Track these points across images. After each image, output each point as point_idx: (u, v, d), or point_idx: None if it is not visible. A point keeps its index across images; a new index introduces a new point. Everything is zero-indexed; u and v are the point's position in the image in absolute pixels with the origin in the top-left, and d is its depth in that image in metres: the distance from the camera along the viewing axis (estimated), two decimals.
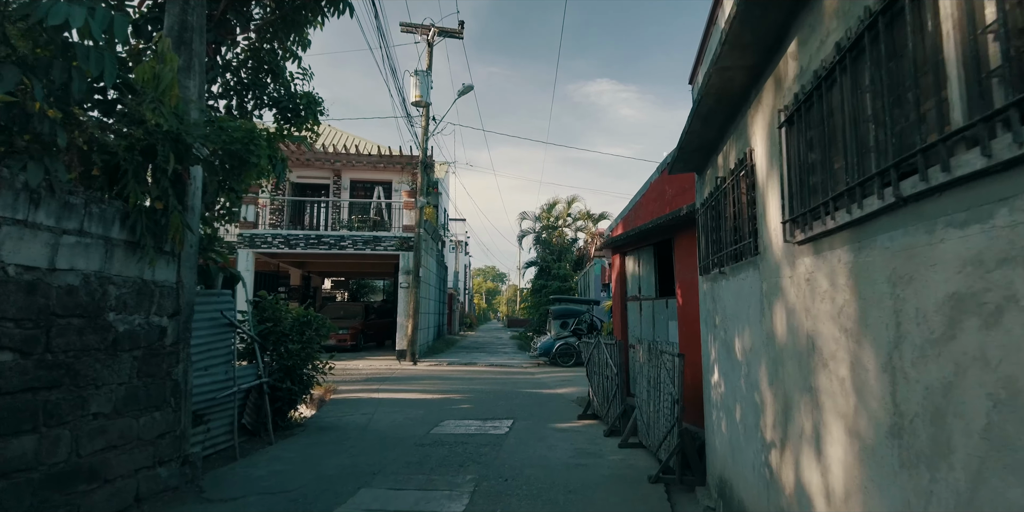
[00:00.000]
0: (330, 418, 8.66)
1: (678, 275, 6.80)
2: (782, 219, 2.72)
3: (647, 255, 8.04)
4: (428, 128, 16.70)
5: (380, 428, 7.85)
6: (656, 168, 7.33)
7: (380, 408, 9.36)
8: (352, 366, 14.72)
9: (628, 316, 8.83)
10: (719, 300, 4.41)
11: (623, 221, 8.63)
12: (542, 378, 13.82)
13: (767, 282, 3.08)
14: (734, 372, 3.92)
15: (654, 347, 6.01)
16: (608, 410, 7.67)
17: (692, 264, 6.28)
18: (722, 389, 4.34)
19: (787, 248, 2.71)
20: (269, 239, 16.25)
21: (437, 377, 13.49)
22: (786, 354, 2.76)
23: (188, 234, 5.12)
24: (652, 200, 7.51)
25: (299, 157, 18.78)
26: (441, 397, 10.52)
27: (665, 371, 5.62)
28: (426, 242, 17.64)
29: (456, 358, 17.50)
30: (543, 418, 8.56)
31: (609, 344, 7.60)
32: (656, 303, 7.78)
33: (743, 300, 3.62)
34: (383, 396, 10.54)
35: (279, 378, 7.53)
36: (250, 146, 4.83)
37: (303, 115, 6.98)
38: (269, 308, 8.13)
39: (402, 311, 16.15)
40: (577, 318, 17.00)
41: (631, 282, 8.75)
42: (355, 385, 11.82)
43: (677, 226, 6.67)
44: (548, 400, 10.40)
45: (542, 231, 26.88)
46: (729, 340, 4.06)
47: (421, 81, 16.20)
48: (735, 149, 3.87)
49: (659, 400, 5.82)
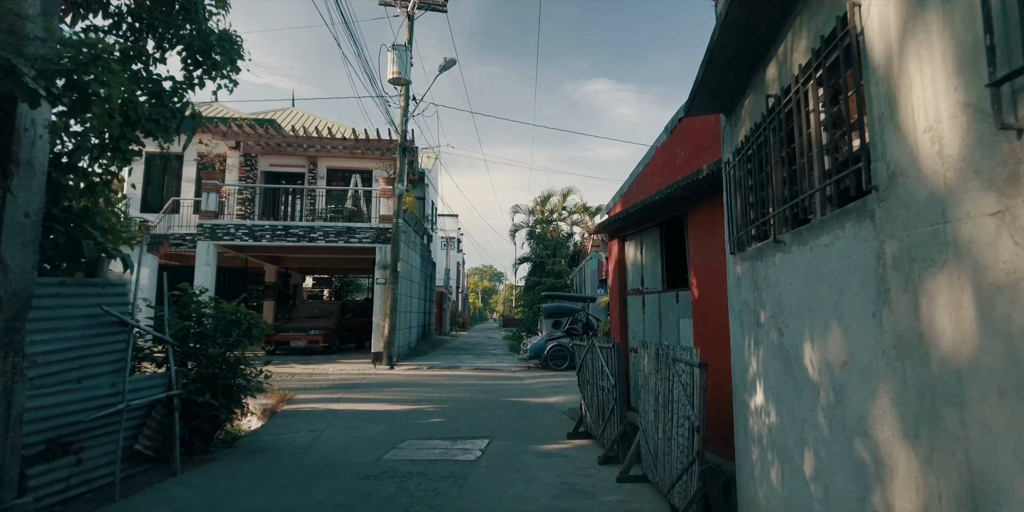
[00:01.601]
0: (270, 436, 7.19)
1: (693, 260, 5.34)
2: (966, 99, 1.27)
3: (652, 238, 6.58)
4: (408, 109, 15.21)
5: (324, 451, 6.38)
6: (664, 127, 5.88)
7: (334, 423, 7.90)
8: (320, 370, 13.24)
9: (628, 313, 7.37)
10: (767, 286, 2.95)
11: (622, 199, 7.16)
12: (531, 384, 12.35)
13: (901, 240, 1.62)
14: (801, 397, 2.46)
15: (664, 353, 4.54)
16: (604, 429, 6.21)
17: (714, 244, 4.82)
18: (773, 419, 2.88)
19: (984, 153, 1.25)
20: (232, 230, 14.75)
21: (413, 383, 12.01)
22: (972, 380, 1.30)
23: (12, 199, 3.65)
24: (659, 168, 6.05)
25: (268, 142, 17.29)
26: (410, 408, 9.04)
27: (680, 385, 4.15)
28: (406, 234, 16.16)
29: (439, 361, 16.01)
30: (526, 436, 7.09)
31: (605, 348, 6.13)
32: (663, 297, 6.32)
33: (827, 280, 2.16)
34: (344, 407, 9.06)
35: (196, 390, 6.06)
36: (89, 68, 3.36)
37: (217, 59, 5.49)
38: (190, 303, 6.66)
39: (378, 310, 14.66)
40: (571, 316, 15.50)
41: (632, 272, 7.28)
42: (316, 393, 10.34)
43: (692, 198, 5.21)
44: (535, 412, 8.93)
45: (536, 225, 25.41)
46: (790, 346, 2.60)
47: (399, 56, 14.71)
48: (804, 38, 2.41)
49: (671, 423, 4.36)
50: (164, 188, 17.98)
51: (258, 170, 18.46)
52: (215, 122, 16.20)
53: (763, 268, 3.03)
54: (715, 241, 4.89)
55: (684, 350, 4.19)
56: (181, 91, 5.53)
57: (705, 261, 5.07)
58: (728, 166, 3.74)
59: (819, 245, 2.25)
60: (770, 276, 2.91)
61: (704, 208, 5.09)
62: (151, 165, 17.91)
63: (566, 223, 25.63)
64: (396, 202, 14.77)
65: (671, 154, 5.74)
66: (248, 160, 18.13)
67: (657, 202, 5.47)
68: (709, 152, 4.97)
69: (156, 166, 18.03)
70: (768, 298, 2.95)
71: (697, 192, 4.97)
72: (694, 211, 5.30)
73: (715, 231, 4.90)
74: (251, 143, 17.33)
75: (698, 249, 5.22)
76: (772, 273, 2.87)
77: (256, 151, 18.04)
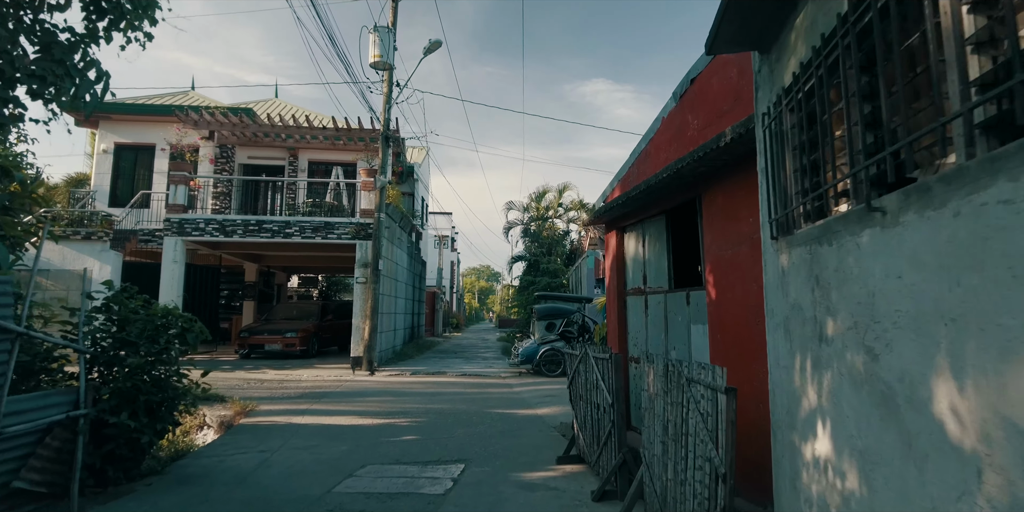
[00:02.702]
0: (211, 458, 6.17)
1: (709, 252, 4.34)
2: None
3: (656, 228, 5.58)
4: (391, 95, 14.18)
5: (266, 480, 5.37)
6: (672, 94, 4.88)
7: (291, 441, 6.88)
8: (294, 377, 12.21)
9: (628, 317, 6.37)
10: (843, 282, 1.95)
11: (621, 183, 6.15)
12: (521, 392, 11.33)
13: None
14: (925, 469, 1.46)
15: (676, 370, 3.54)
16: (599, 455, 5.20)
17: (737, 231, 3.82)
18: (854, 487, 1.88)
19: None
20: (201, 225, 13.70)
21: (392, 392, 10.98)
22: None
23: None
24: (665, 143, 5.05)
25: (244, 132, 16.25)
26: (382, 422, 8.03)
27: (698, 415, 3.14)
28: (390, 230, 15.12)
29: (425, 366, 14.97)
30: (509, 460, 6.09)
31: (601, 359, 5.12)
32: (670, 298, 5.31)
33: (1003, 266, 1.16)
34: (308, 421, 8.05)
35: (111, 408, 5.04)
36: None
37: (127, 7, 4.47)
38: (118, 304, 5.64)
39: (358, 311, 13.62)
40: (566, 318, 14.51)
41: (633, 269, 6.28)
42: (282, 403, 9.32)
43: (708, 175, 4.21)
44: (522, 427, 7.92)
45: (530, 223, 24.38)
46: (895, 379, 1.59)
47: (382, 39, 13.68)
48: None
49: (684, 463, 3.35)
50: (135, 181, 16.92)
51: (235, 163, 17.41)
52: (185, 110, 15.15)
53: (833, 255, 2.02)
54: (738, 228, 3.89)
55: (703, 368, 3.18)
56: (83, 46, 4.51)
57: (725, 253, 4.07)
58: (767, 119, 2.74)
59: (980, 205, 1.24)
60: (848, 266, 1.90)
61: (724, 187, 4.09)
62: (120, 157, 16.87)
63: (562, 220, 24.60)
64: (378, 195, 13.73)
65: (681, 124, 4.73)
66: (224, 152, 17.09)
67: (664, 182, 4.46)
68: (729, 117, 3.97)
69: (126, 158, 16.98)
70: (844, 300, 1.94)
71: (716, 166, 3.97)
72: (711, 192, 4.29)
73: (738, 215, 3.90)
74: (226, 133, 16.29)
75: (716, 238, 4.22)
76: (853, 261, 1.87)
77: (232, 142, 17.00)
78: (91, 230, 13.53)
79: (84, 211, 14.66)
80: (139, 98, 17.84)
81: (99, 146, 16.69)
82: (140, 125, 16.72)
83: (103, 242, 13.57)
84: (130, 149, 16.93)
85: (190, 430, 7.86)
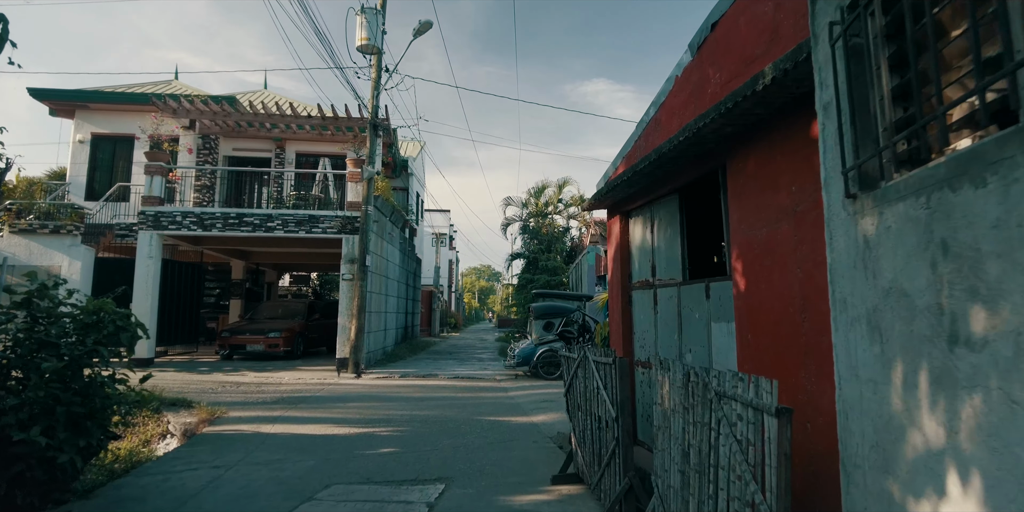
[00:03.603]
0: (154, 476, 5.37)
1: (736, 234, 3.53)
2: None
3: (668, 210, 4.77)
4: (380, 80, 13.37)
5: (208, 505, 4.57)
6: (688, 45, 4.07)
7: (254, 454, 6.09)
8: (274, 379, 11.40)
9: (635, 314, 5.56)
10: (1012, 245, 1.14)
11: (626, 159, 5.34)
12: (516, 397, 10.53)
13: None
14: None
15: (701, 381, 2.72)
16: (601, 476, 4.40)
17: (776, 204, 3.03)
18: None
19: None
20: (178, 218, 12.90)
21: (376, 396, 10.17)
22: None
23: None
24: (679, 107, 4.24)
25: (226, 121, 15.45)
26: (360, 432, 7.23)
27: (735, 442, 2.34)
28: (379, 224, 14.31)
29: (416, 368, 14.16)
30: (497, 478, 5.29)
31: (603, 363, 4.31)
32: (684, 291, 4.50)
33: None
34: (278, 430, 7.25)
35: (19, 422, 4.23)
36: None
37: None
38: (42, 299, 4.85)
39: (344, 310, 12.81)
40: (565, 317, 13.70)
41: (639, 258, 5.47)
42: (255, 409, 8.51)
43: (735, 137, 3.41)
44: (515, 437, 7.12)
45: (529, 219, 23.56)
46: None
47: (370, 20, 12.88)
48: None
49: (715, 502, 2.54)
50: (113, 173, 16.13)
51: (219, 154, 16.61)
52: (163, 98, 14.36)
53: (987, 202, 1.22)
54: (776, 200, 3.09)
55: (740, 379, 2.37)
56: None
57: (758, 233, 3.26)
58: (837, 29, 1.93)
59: None
60: (1014, 222, 1.10)
61: (757, 150, 3.28)
62: (98, 148, 16.08)
63: (562, 216, 23.77)
64: (366, 186, 12.93)
65: (700, 80, 3.92)
66: (207, 143, 16.29)
67: (681, 148, 3.65)
68: (759, 64, 3.17)
69: (104, 149, 16.19)
70: (1013, 275, 1.14)
71: (747, 123, 3.17)
72: (738, 158, 3.49)
73: (776, 184, 3.09)
74: (207, 122, 15.49)
75: (745, 216, 3.41)
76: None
77: (216, 132, 16.20)
78: (60, 223, 12.73)
79: (55, 203, 13.86)
80: (118, 86, 17.06)
81: (75, 136, 15.89)
82: (119, 114, 15.92)
83: (73, 236, 12.77)
84: (108, 139, 16.14)
85: (151, 439, 7.07)
